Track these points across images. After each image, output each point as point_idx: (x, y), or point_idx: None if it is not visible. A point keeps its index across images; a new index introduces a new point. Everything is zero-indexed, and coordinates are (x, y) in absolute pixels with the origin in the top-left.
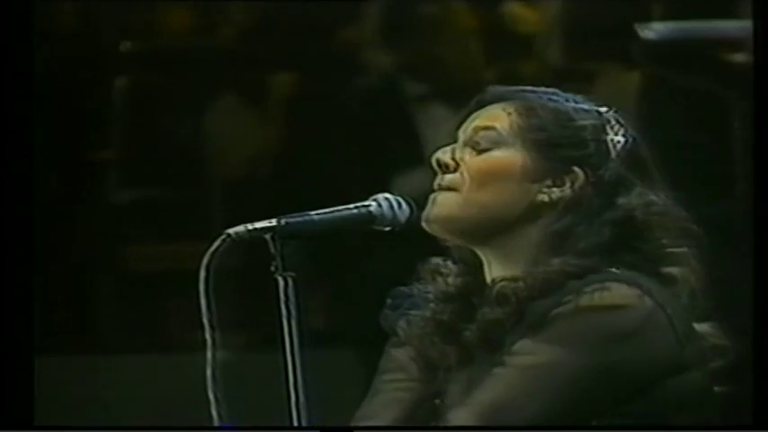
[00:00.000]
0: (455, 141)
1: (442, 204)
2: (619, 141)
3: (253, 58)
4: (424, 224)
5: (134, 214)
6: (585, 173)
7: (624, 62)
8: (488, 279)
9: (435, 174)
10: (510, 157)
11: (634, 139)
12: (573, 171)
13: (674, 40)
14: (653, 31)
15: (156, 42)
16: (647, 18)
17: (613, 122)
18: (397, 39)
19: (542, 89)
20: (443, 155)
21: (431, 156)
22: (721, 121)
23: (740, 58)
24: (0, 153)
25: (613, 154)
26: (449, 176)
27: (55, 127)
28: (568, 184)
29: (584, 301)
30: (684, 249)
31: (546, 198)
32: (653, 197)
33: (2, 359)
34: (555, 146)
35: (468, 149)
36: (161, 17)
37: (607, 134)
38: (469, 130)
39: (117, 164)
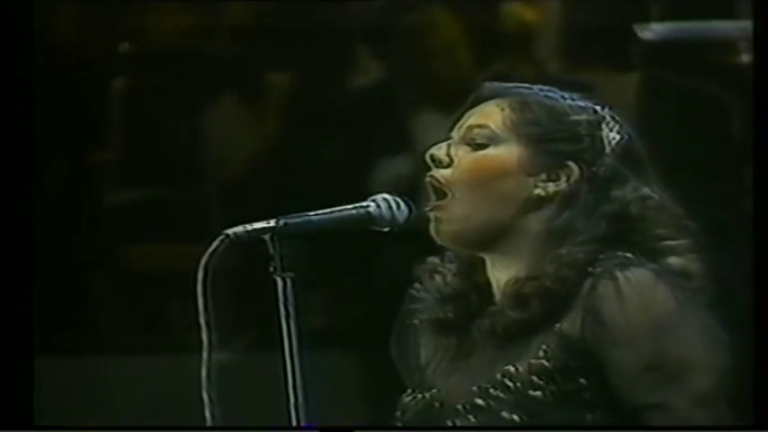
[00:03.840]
0: (450, 139)
1: (444, 217)
2: (614, 138)
3: (251, 59)
4: (436, 240)
5: (133, 214)
6: (580, 167)
7: (622, 63)
8: (491, 277)
9: (429, 169)
10: (504, 153)
11: (629, 136)
12: (567, 165)
13: (674, 40)
14: (651, 31)
15: (155, 43)
16: (645, 18)
17: (608, 119)
18: (387, 47)
19: (539, 87)
20: (438, 150)
21: (425, 152)
22: (721, 121)
23: (740, 58)
24: (0, 153)
25: (608, 149)
26: (442, 171)
27: (55, 127)
28: (564, 179)
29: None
30: (682, 242)
31: (542, 192)
32: (647, 191)
33: (2, 359)
34: (549, 140)
35: (462, 146)
36: (160, 18)
37: (602, 130)
38: (464, 129)
39: (116, 164)
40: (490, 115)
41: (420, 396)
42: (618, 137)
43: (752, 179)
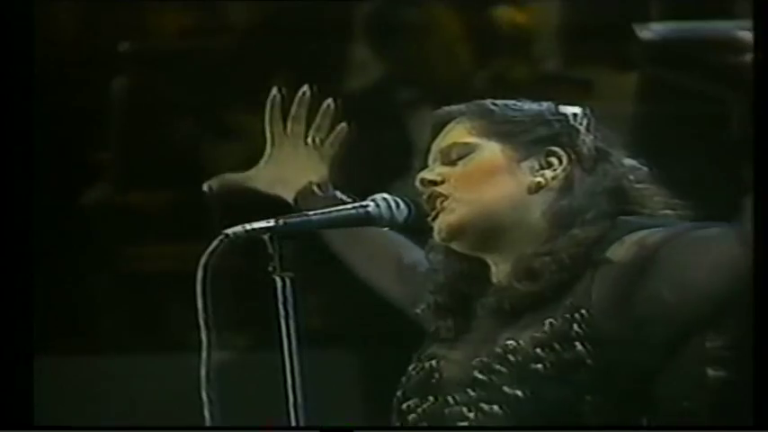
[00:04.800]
0: (427, 167)
1: (446, 215)
2: (581, 119)
3: (251, 59)
4: (437, 239)
5: (133, 214)
6: (566, 151)
7: (621, 63)
8: (489, 261)
9: (423, 193)
10: (487, 153)
11: (592, 112)
12: (554, 151)
13: (673, 40)
14: (651, 31)
15: (155, 43)
16: (644, 18)
17: (565, 106)
18: (387, 43)
19: (489, 100)
20: (426, 174)
21: (414, 179)
22: (720, 120)
23: (740, 57)
24: (0, 154)
25: (582, 130)
26: (438, 188)
27: (55, 128)
28: (557, 163)
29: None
30: (678, 212)
31: (541, 180)
32: (633, 162)
33: (2, 359)
34: (522, 131)
35: (445, 166)
36: (160, 18)
37: (564, 113)
38: (439, 154)
39: (117, 164)
40: (456, 134)
41: (421, 365)
42: (580, 112)
43: (752, 179)
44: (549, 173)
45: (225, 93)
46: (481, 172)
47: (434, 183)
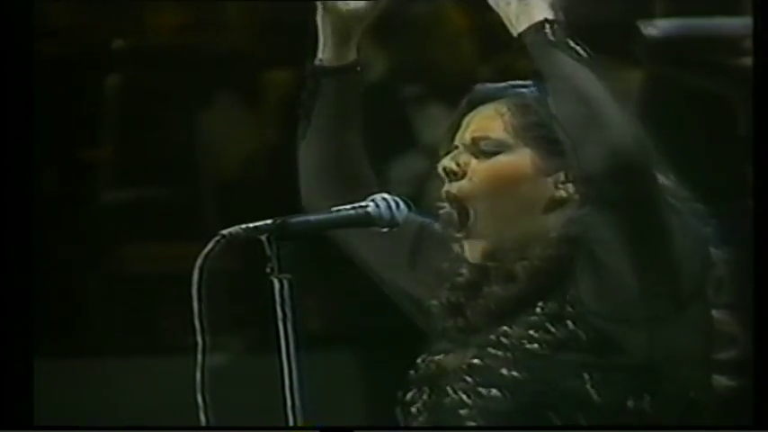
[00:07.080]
0: (452, 146)
1: (477, 240)
2: None
3: (249, 57)
4: (469, 259)
5: (132, 215)
6: None
7: (624, 60)
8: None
9: (443, 182)
10: (517, 158)
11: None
12: None
13: (677, 37)
14: (655, 27)
15: (152, 42)
16: (648, 15)
17: None
18: (391, 39)
19: (531, 83)
20: (449, 162)
21: (437, 163)
22: (724, 119)
23: (743, 54)
24: None
25: None
26: (457, 184)
27: (52, 127)
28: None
29: None
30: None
31: (564, 194)
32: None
33: (1, 360)
34: (557, 140)
35: (471, 156)
36: (157, 16)
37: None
38: (468, 139)
39: (115, 164)
40: (491, 124)
41: (429, 359)
42: None
43: (753, 178)
44: (571, 186)
45: (223, 90)
46: (506, 178)
47: (455, 174)
